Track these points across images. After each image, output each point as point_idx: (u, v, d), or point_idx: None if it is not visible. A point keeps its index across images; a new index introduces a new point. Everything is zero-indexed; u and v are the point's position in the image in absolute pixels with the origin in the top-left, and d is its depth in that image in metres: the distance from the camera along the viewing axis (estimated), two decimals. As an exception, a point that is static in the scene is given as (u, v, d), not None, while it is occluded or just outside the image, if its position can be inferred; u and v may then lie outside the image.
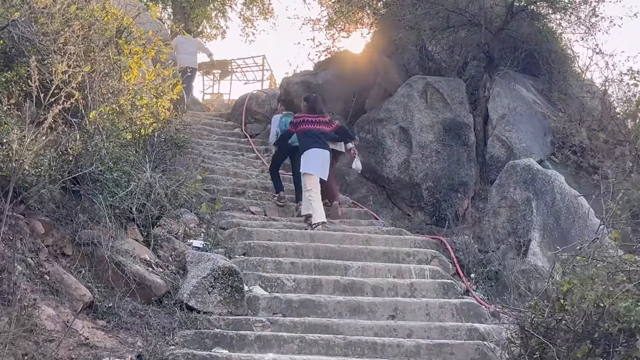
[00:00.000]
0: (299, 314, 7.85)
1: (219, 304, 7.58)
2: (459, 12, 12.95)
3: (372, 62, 14.21)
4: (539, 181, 10.23)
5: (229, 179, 12.44)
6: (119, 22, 8.83)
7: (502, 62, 13.43)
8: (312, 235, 10.05)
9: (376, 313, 7.99)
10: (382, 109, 12.98)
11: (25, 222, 6.82)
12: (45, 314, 6.22)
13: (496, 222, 10.51)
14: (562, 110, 13.91)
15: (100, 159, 7.22)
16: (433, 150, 12.39)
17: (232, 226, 10.22)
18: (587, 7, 12.97)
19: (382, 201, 12.66)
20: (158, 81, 9.12)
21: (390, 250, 9.77)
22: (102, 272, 7.15)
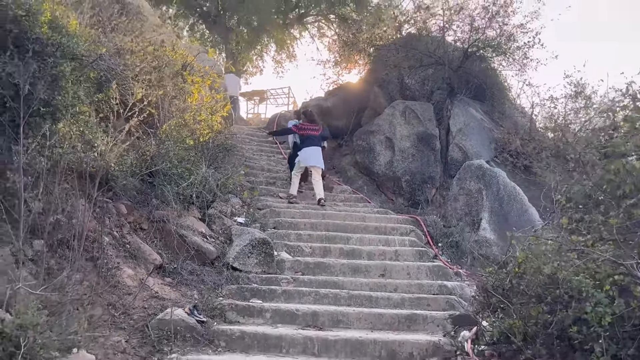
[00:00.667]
0: (314, 272, 7.33)
1: (256, 265, 7.05)
2: (429, 55, 12.34)
3: (366, 90, 13.64)
4: (488, 176, 9.64)
5: (264, 173, 11.88)
6: (184, 59, 8.26)
7: (459, 90, 12.84)
8: (324, 214, 9.49)
9: (370, 272, 7.43)
10: (373, 124, 12.39)
11: (112, 205, 6.31)
12: (126, 274, 5.72)
13: (456, 206, 9.92)
14: (502, 126, 13.31)
15: (169, 159, 6.68)
16: (410, 154, 11.80)
17: (266, 207, 9.67)
18: (520, 52, 12.29)
19: (373, 190, 12.08)
20: (213, 102, 8.54)
21: (380, 226, 9.19)
22: (170, 241, 6.65)
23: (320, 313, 5.83)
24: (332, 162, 13.39)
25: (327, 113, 14.22)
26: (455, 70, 12.43)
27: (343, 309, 5.97)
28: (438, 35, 13.17)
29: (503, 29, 11.73)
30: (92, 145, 5.57)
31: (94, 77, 6.00)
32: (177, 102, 7.94)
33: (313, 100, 14.86)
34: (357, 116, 13.48)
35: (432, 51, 12.32)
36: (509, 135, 12.22)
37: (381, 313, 5.88)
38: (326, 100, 14.49)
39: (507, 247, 9.04)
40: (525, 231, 9.18)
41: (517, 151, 11.83)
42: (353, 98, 13.91)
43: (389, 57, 12.74)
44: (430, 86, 13.32)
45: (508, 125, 13.40)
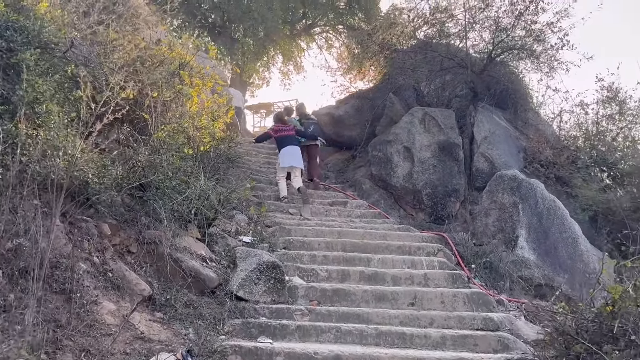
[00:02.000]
0: (332, 301, 6.23)
1: (264, 294, 5.94)
2: (450, 57, 11.28)
3: (381, 98, 12.55)
4: (524, 188, 8.52)
5: (272, 187, 10.79)
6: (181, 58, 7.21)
7: (482, 97, 11.77)
8: (339, 232, 8.38)
9: (398, 300, 6.31)
10: (390, 133, 11.32)
11: (94, 224, 5.22)
12: (105, 309, 4.62)
13: (487, 221, 8.79)
14: (526, 134, 12.23)
15: (162, 170, 5.60)
16: (430, 165, 10.72)
17: (275, 225, 8.59)
18: (549, 53, 11.20)
19: (391, 204, 10.97)
20: (215, 107, 7.49)
21: (403, 245, 8.07)
22: (163, 267, 5.54)
23: (344, 357, 4.69)
24: (345, 174, 12.31)
25: (339, 122, 13.16)
26: (478, 74, 11.36)
27: (372, 351, 4.82)
28: (459, 37, 12.14)
29: (531, 27, 10.64)
30: (65, 152, 4.50)
31: (70, 71, 4.95)
32: (174, 106, 6.90)
33: (323, 109, 13.80)
34: (372, 125, 12.39)
35: (453, 53, 11.25)
36: (538, 144, 11.11)
37: (420, 358, 4.73)
38: (337, 109, 13.42)
39: (549, 268, 7.95)
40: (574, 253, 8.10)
41: (549, 161, 10.72)
42: (367, 106, 12.84)
43: (405, 60, 11.67)
44: (450, 92, 12.26)
45: (532, 134, 12.35)
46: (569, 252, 8.14)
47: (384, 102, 12.31)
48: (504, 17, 10.66)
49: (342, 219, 9.62)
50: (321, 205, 10.25)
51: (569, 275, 7.95)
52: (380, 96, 12.64)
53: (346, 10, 22.49)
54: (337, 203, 10.47)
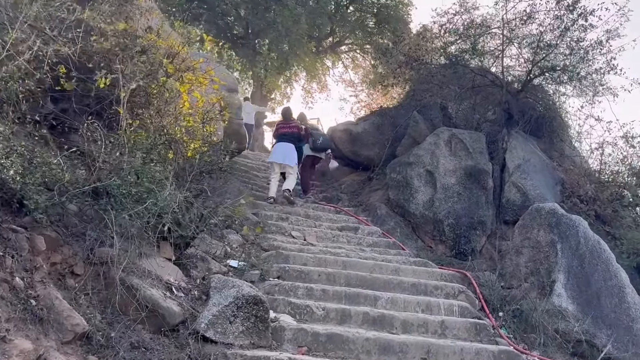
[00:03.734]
0: (325, 348, 4.98)
1: (241, 335, 4.73)
2: (483, 74, 10.06)
3: (404, 116, 11.40)
4: (564, 225, 7.20)
5: (277, 206, 9.61)
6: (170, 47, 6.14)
7: (515, 122, 10.53)
8: (345, 263, 7.15)
9: (407, 354, 5.05)
10: (411, 154, 10.12)
11: (26, 236, 4.10)
12: (17, 349, 3.47)
13: (518, 261, 7.48)
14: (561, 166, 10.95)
15: (123, 174, 4.47)
16: (455, 192, 9.49)
17: (273, 248, 7.42)
18: (594, 76, 9.93)
19: (408, 233, 9.73)
20: (207, 107, 6.38)
21: (418, 283, 6.81)
22: (112, 295, 4.36)
23: None
24: (359, 197, 11.10)
25: (356, 140, 11.99)
26: (514, 95, 10.12)
27: None
28: (494, 55, 10.94)
29: (577, 46, 9.39)
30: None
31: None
32: (157, 102, 5.82)
33: (341, 124, 12.66)
34: (392, 145, 11.22)
35: (486, 70, 10.04)
36: (578, 177, 9.81)
37: None
38: (356, 126, 12.26)
39: (591, 322, 6.61)
40: (619, 306, 6.76)
41: (590, 197, 9.40)
42: (388, 124, 11.68)
43: (432, 76, 10.48)
44: (480, 115, 11.04)
45: (570, 167, 11.06)
46: (613, 304, 6.79)
47: (407, 120, 11.14)
48: (546, 31, 9.43)
49: (351, 247, 8.40)
50: (329, 229, 9.05)
51: (612, 332, 6.60)
52: (403, 114, 11.48)
53: (375, 29, 21.48)
54: (348, 228, 9.26)
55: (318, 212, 9.84)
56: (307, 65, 22.39)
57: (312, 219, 9.42)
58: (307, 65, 22.32)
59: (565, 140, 11.93)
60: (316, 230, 8.79)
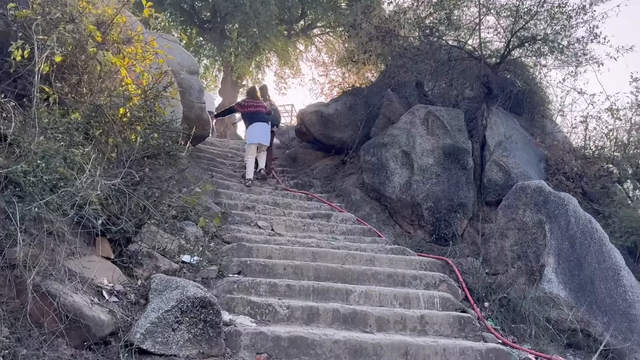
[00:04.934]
0: (287, 355, 4.29)
1: (187, 344, 4.01)
2: (460, 47, 9.37)
3: (377, 95, 10.66)
4: (552, 204, 6.57)
5: (243, 194, 8.87)
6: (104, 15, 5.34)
7: (495, 97, 9.88)
8: (314, 254, 6.44)
9: (382, 357, 4.37)
10: (386, 134, 9.43)
11: None
12: None
13: (503, 244, 6.83)
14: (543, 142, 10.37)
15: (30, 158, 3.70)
16: (433, 173, 8.83)
17: (235, 240, 6.71)
18: (577, 46, 9.30)
19: (384, 219, 9.05)
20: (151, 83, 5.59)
21: (395, 273, 6.13)
22: (25, 303, 3.60)
23: None
24: (333, 182, 10.39)
25: (328, 122, 11.25)
26: (493, 68, 9.45)
27: None
28: (470, 29, 10.26)
29: (559, 11, 8.73)
30: None
31: None
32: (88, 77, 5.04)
33: (311, 106, 11.87)
34: (366, 126, 10.50)
35: (464, 41, 9.35)
36: (563, 153, 9.20)
37: None
38: (327, 107, 11.49)
39: (585, 309, 6.00)
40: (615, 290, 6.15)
41: (576, 173, 8.80)
42: (361, 104, 10.95)
43: (407, 49, 9.76)
44: (458, 91, 10.36)
45: (551, 143, 10.49)
46: (608, 288, 6.18)
47: (380, 99, 10.44)
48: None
49: (323, 236, 7.70)
50: (299, 217, 8.35)
51: (609, 319, 6.01)
52: (377, 93, 10.76)
53: (347, 10, 20.65)
54: (320, 216, 8.56)
55: (288, 200, 9.12)
56: (279, 50, 21.52)
57: (281, 207, 8.70)
58: (279, 49, 21.45)
59: (546, 116, 11.36)
60: (285, 219, 8.08)
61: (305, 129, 11.54)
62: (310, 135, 11.51)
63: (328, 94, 12.88)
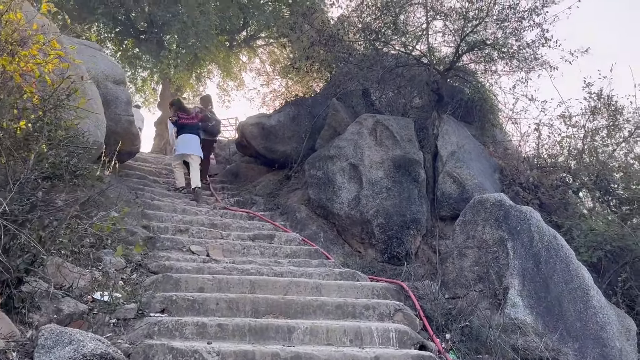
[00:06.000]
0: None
1: (84, 416, 3.13)
2: (408, 53, 8.79)
3: (323, 104, 9.98)
4: (513, 218, 5.97)
5: (175, 215, 7.97)
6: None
7: (446, 104, 9.37)
8: (253, 283, 5.62)
9: (330, 416, 3.61)
10: (332, 146, 8.75)
11: None
12: None
13: (462, 264, 6.19)
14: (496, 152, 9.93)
15: None
16: (383, 187, 8.19)
17: (163, 270, 5.85)
18: (529, 50, 8.86)
19: (333, 238, 8.34)
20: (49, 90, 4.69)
21: (345, 303, 5.38)
22: None
23: None
24: (276, 199, 9.60)
25: (270, 134, 10.48)
26: (442, 74, 8.91)
27: None
28: (417, 36, 9.70)
29: (511, 13, 8.25)
30: None
31: None
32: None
33: (252, 117, 11.06)
34: (311, 138, 9.80)
35: (412, 47, 8.78)
36: (517, 163, 8.72)
37: None
38: (270, 118, 10.71)
39: (554, 335, 5.40)
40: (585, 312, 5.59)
41: (532, 183, 8.32)
42: (305, 115, 10.24)
43: (351, 54, 9.10)
44: (407, 99, 9.79)
45: (504, 153, 10.07)
46: (577, 310, 5.62)
47: (325, 109, 9.75)
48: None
49: (265, 260, 6.91)
50: (239, 240, 7.53)
51: (579, 344, 5.44)
52: (321, 103, 10.10)
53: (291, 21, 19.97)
54: (262, 237, 7.76)
55: (227, 220, 8.28)
56: (221, 61, 20.63)
57: (218, 228, 7.86)
58: (221, 60, 20.56)
59: (496, 125, 10.93)
60: (223, 242, 7.25)
61: (247, 142, 10.73)
62: (252, 148, 10.71)
63: (270, 104, 12.07)
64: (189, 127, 9.73)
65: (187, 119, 9.81)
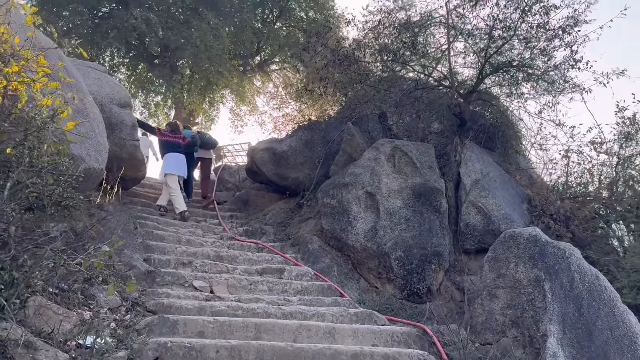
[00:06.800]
0: None
1: None
2: (427, 74, 8.25)
3: (337, 129, 9.44)
4: (551, 256, 5.33)
5: (179, 247, 7.40)
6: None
7: (468, 129, 8.79)
8: (259, 327, 5.01)
9: None
10: (347, 173, 8.18)
11: None
12: None
13: (492, 306, 5.54)
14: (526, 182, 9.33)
15: None
16: (402, 217, 7.58)
17: (161, 309, 5.27)
18: (557, 72, 8.28)
19: (347, 272, 7.72)
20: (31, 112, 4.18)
21: (362, 352, 4.73)
22: None
23: None
24: (287, 229, 9.02)
25: (282, 160, 9.94)
26: (465, 97, 8.34)
27: None
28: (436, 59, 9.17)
29: (539, 33, 7.68)
30: None
31: None
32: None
33: (263, 142, 10.54)
34: (325, 164, 9.24)
35: (432, 68, 8.22)
36: (547, 192, 8.09)
37: None
38: (281, 143, 10.18)
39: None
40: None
41: (565, 215, 7.67)
42: (318, 140, 9.71)
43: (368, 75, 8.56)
44: (426, 123, 9.23)
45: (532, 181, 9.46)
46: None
47: (340, 134, 9.20)
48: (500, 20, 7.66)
49: (273, 297, 6.30)
50: (246, 274, 6.93)
51: (629, 401, 4.75)
52: (336, 127, 9.56)
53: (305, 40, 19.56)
54: (270, 271, 7.16)
55: (233, 252, 7.70)
56: (234, 86, 20.25)
57: (224, 261, 7.29)
58: (234, 85, 20.18)
59: (519, 152, 10.30)
60: (228, 276, 6.66)
61: (257, 168, 10.21)
62: (262, 175, 10.17)
63: (282, 129, 11.55)
64: (175, 146, 9.56)
65: (171, 137, 9.63)
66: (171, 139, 9.61)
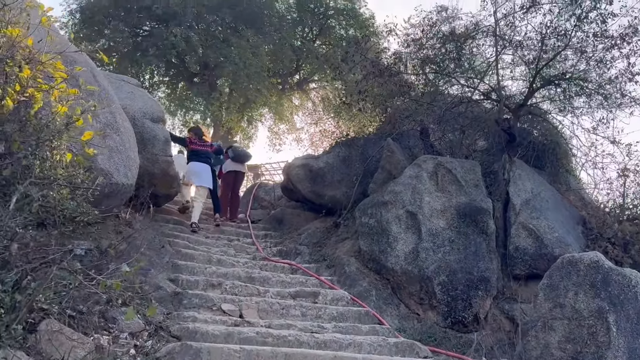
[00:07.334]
0: None
1: None
2: (473, 87, 7.76)
3: (376, 145, 9.01)
4: (615, 284, 4.76)
5: (209, 267, 7.05)
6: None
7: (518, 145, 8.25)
8: (288, 357, 4.58)
9: None
10: (387, 191, 7.72)
11: None
12: None
13: (549, 339, 4.98)
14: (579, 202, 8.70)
15: None
16: (446, 239, 7.07)
17: (186, 334, 4.90)
18: (614, 86, 7.69)
19: (386, 296, 7.22)
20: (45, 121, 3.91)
21: (402, 389, 4.26)
22: None
23: None
24: (323, 249, 8.58)
25: (318, 177, 9.54)
26: (515, 112, 7.81)
27: None
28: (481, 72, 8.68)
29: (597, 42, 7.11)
30: None
31: None
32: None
33: (299, 159, 10.18)
34: (363, 182, 8.80)
35: (478, 80, 7.73)
36: (604, 214, 7.45)
37: None
38: (317, 160, 9.78)
39: None
40: None
41: (623, 239, 7.02)
42: (356, 156, 9.28)
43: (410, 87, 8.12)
44: (471, 139, 8.72)
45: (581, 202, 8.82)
46: None
47: (379, 150, 8.77)
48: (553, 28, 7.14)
49: (306, 324, 5.85)
50: (278, 297, 6.52)
51: None
52: (375, 143, 9.13)
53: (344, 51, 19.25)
54: (304, 294, 6.73)
55: (266, 273, 7.30)
56: (273, 104, 20.09)
57: (256, 283, 6.89)
58: (273, 103, 20.03)
59: (570, 171, 9.66)
60: (259, 300, 6.25)
61: (292, 186, 9.85)
62: (298, 193, 9.80)
63: (319, 145, 11.18)
64: (202, 155, 9.36)
65: (199, 145, 9.42)
66: (201, 148, 9.42)
